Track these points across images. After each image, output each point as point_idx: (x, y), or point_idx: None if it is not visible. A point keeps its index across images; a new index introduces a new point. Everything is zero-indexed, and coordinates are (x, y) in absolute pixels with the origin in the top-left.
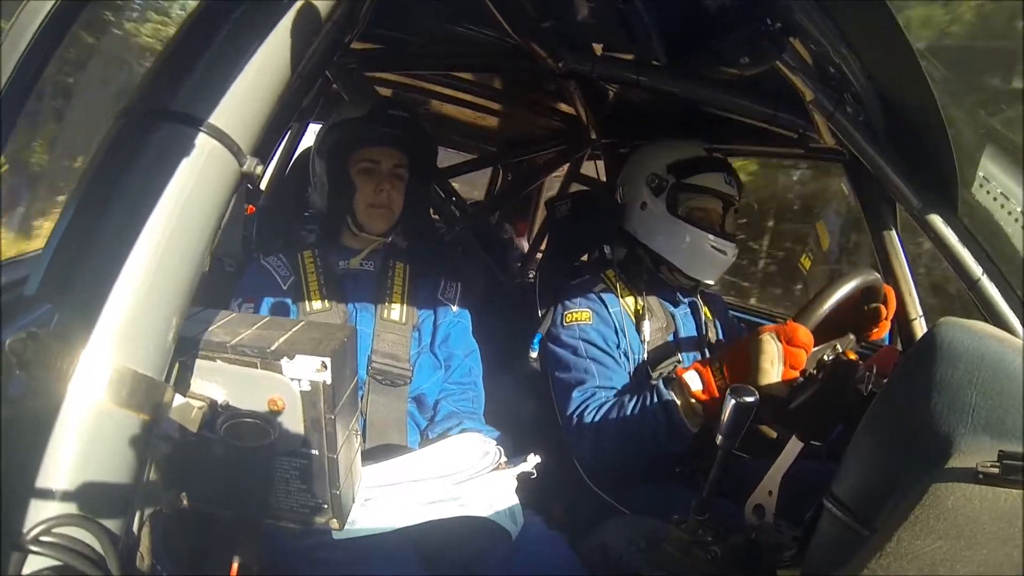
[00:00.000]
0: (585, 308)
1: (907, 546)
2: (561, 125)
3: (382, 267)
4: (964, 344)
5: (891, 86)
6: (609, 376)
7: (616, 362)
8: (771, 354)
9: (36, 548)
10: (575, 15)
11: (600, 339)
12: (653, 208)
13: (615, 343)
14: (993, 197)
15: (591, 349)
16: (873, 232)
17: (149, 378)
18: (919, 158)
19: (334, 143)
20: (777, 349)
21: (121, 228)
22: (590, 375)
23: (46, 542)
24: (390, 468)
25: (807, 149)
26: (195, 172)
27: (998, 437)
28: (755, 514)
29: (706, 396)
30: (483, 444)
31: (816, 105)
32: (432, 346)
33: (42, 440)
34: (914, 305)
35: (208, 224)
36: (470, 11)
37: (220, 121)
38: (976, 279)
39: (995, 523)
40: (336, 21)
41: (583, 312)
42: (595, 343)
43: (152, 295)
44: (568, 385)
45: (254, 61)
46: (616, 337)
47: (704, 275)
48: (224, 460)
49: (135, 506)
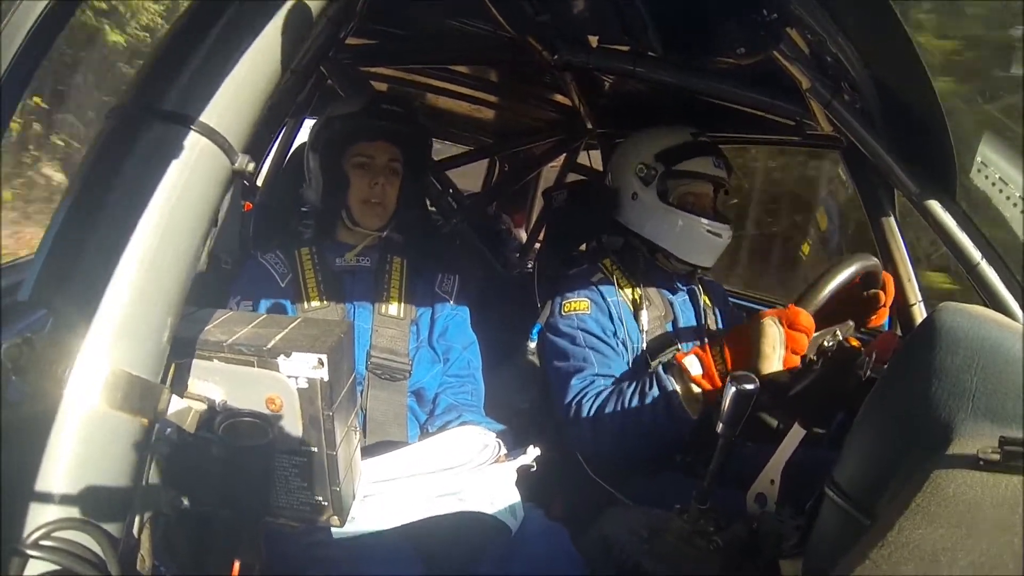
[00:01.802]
0: (583, 298)
1: (908, 534)
2: (557, 116)
3: (379, 262)
4: (964, 329)
5: (887, 74)
6: (608, 364)
7: (614, 351)
8: (772, 338)
9: (36, 552)
10: (571, 8)
11: (598, 328)
12: (644, 197)
13: (612, 332)
14: (992, 182)
15: (589, 338)
16: (871, 218)
17: (144, 380)
18: (916, 144)
19: (328, 138)
20: (779, 333)
21: (113, 230)
22: (588, 363)
23: (46, 546)
24: (390, 461)
25: (805, 137)
26: (186, 171)
27: (999, 423)
28: (757, 503)
29: (707, 381)
30: (482, 437)
31: (813, 93)
32: (431, 340)
33: (40, 445)
34: (913, 290)
35: (200, 223)
36: (465, 5)
37: (211, 119)
38: (975, 263)
39: (996, 510)
40: (331, 17)
41: (581, 302)
42: (593, 332)
43: (145, 296)
44: (567, 374)
45: (246, 58)
46: (614, 326)
47: (700, 259)
48: (223, 460)
49: (135, 508)
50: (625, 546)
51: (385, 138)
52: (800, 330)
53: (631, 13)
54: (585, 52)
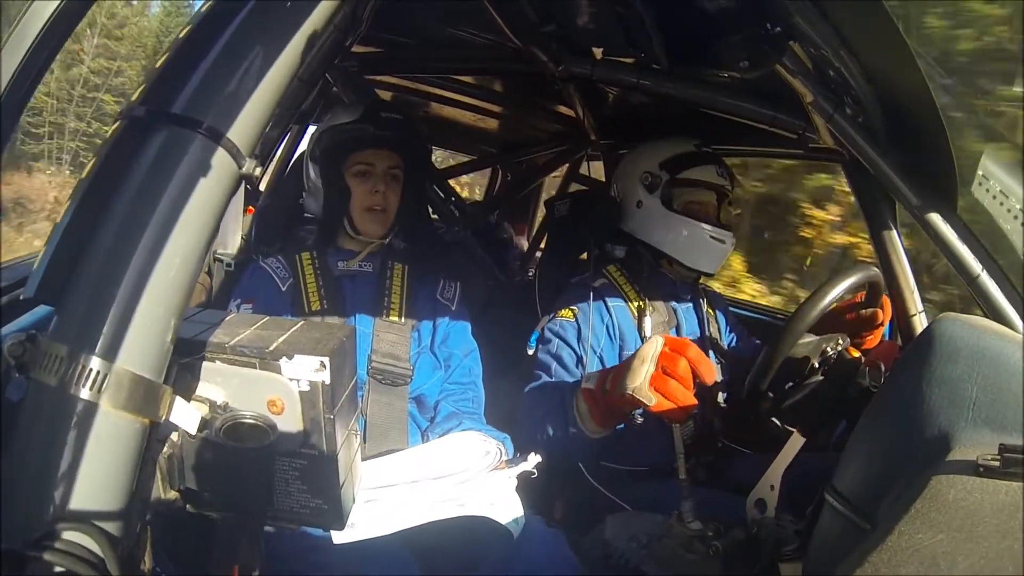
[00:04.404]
0: (575, 306)
1: (908, 539)
2: (560, 127)
3: (381, 268)
4: (963, 339)
5: (890, 88)
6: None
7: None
8: (644, 352)
9: (35, 552)
10: (576, 19)
11: (574, 336)
12: (649, 205)
13: (591, 343)
14: (992, 195)
15: (561, 344)
16: (873, 231)
17: (148, 380)
18: (918, 158)
19: (327, 147)
20: (654, 349)
21: (120, 230)
22: (548, 372)
23: (46, 546)
24: (390, 464)
25: (807, 150)
26: (194, 174)
27: (998, 431)
28: (757, 508)
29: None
30: (483, 443)
31: (816, 107)
32: (432, 346)
33: (41, 443)
34: (914, 302)
35: (206, 226)
36: (471, 14)
37: (220, 124)
38: (976, 276)
39: (996, 516)
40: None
41: (569, 310)
42: (567, 340)
43: (150, 297)
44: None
45: (256, 64)
46: (598, 336)
47: (705, 265)
48: (224, 461)
49: (135, 509)
50: (625, 551)
51: (385, 146)
52: (678, 352)
53: (636, 25)
54: (590, 64)
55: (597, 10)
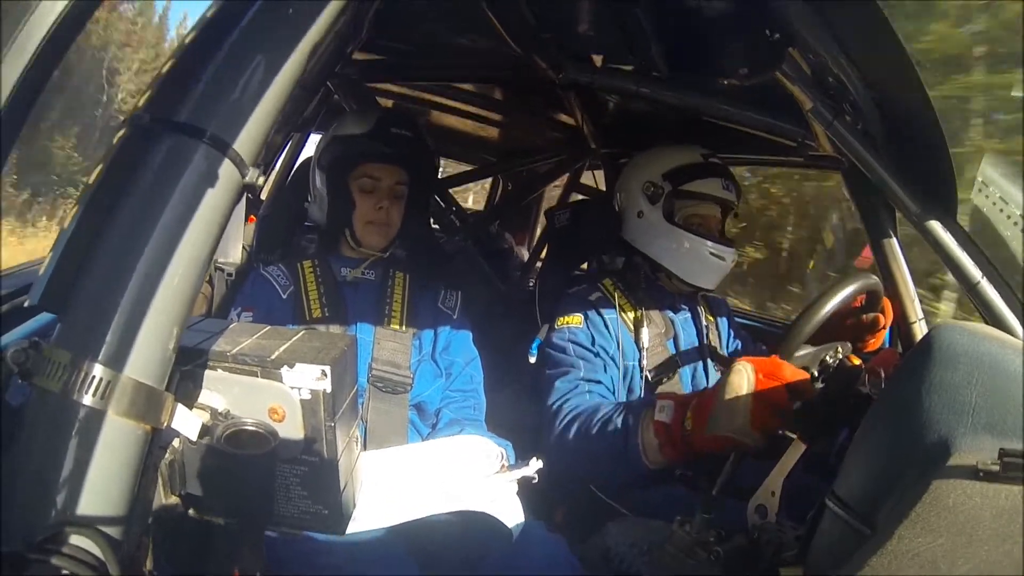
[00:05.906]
0: (578, 313)
1: (908, 544)
2: (561, 136)
3: (382, 276)
4: (963, 346)
5: (889, 95)
6: (594, 371)
7: (603, 361)
8: (737, 387)
9: (36, 555)
10: (576, 27)
11: (588, 340)
12: (650, 216)
13: (603, 346)
14: (992, 202)
15: (579, 349)
16: (872, 238)
17: (150, 387)
18: (917, 165)
19: (335, 157)
20: (747, 382)
21: (124, 238)
22: (575, 368)
23: (47, 548)
24: (394, 455)
25: (806, 157)
26: (199, 184)
27: (998, 436)
28: (757, 514)
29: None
30: (486, 447)
31: (815, 114)
32: (433, 354)
33: (43, 448)
34: (914, 309)
35: (210, 235)
36: (472, 21)
37: (224, 133)
38: (976, 282)
39: (996, 520)
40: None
41: (575, 317)
42: (583, 343)
43: (154, 305)
44: (553, 377)
45: (258, 72)
46: (605, 341)
47: (703, 281)
48: (225, 468)
49: (136, 514)
50: (626, 557)
51: (393, 162)
52: (775, 379)
53: (636, 32)
54: (590, 71)
55: (597, 18)
